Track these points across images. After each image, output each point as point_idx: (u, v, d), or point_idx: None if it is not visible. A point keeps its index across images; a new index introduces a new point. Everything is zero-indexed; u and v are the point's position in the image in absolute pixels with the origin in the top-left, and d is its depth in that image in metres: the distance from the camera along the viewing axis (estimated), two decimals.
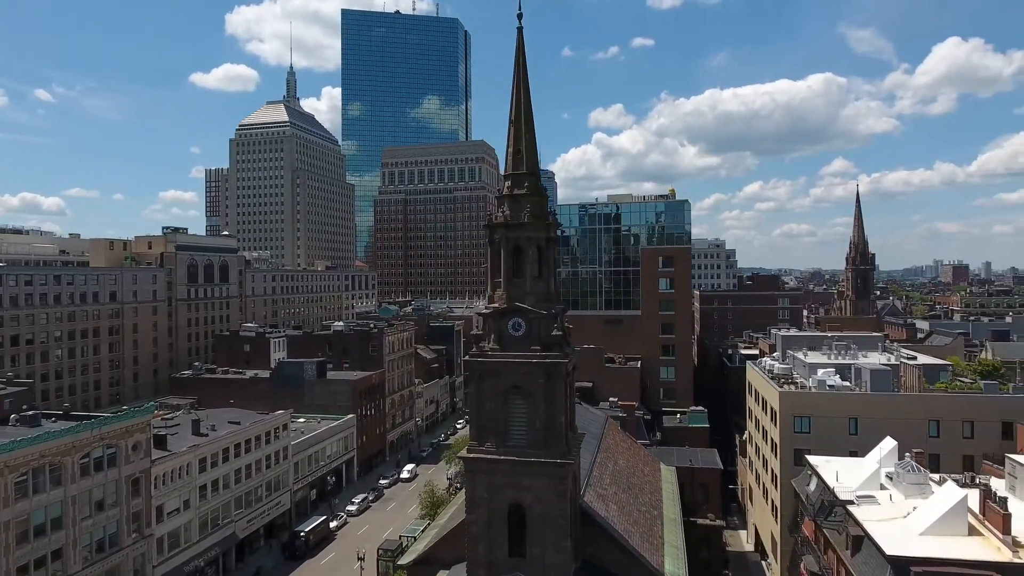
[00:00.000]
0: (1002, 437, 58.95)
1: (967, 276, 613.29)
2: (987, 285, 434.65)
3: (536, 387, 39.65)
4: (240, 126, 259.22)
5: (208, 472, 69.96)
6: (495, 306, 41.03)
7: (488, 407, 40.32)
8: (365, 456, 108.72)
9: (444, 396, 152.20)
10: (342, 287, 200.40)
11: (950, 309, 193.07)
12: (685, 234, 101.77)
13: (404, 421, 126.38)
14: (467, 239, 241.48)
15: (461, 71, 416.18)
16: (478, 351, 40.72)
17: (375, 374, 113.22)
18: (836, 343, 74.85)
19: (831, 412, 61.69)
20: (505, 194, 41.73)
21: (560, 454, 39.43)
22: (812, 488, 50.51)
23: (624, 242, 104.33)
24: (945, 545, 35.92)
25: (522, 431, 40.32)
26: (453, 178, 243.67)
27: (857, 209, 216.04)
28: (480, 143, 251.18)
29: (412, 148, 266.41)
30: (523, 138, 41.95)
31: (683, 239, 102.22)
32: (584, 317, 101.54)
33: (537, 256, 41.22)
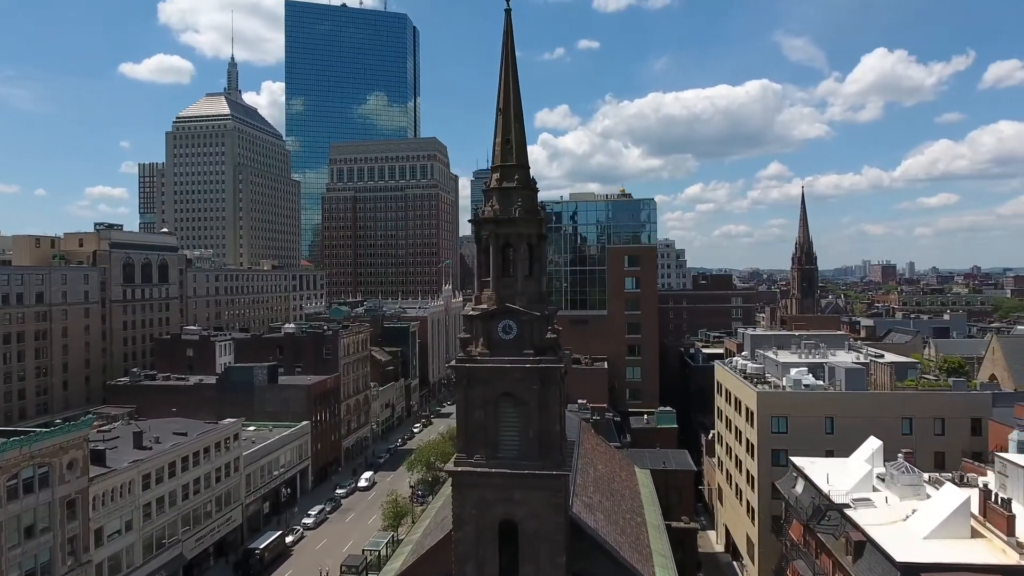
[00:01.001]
0: (971, 433, 59.92)
1: (894, 275, 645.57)
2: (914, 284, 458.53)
3: (529, 394, 37.02)
4: (178, 118, 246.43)
5: (152, 489, 64.27)
6: (484, 307, 38.20)
7: (477, 416, 37.44)
8: (320, 465, 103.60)
9: (400, 399, 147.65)
10: (289, 287, 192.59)
11: (892, 307, 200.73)
12: (651, 233, 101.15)
13: (360, 426, 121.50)
14: (419, 238, 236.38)
15: (409, 68, 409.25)
16: (466, 356, 37.77)
17: (330, 378, 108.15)
18: (805, 342, 75.04)
19: (808, 412, 61.39)
20: (493, 187, 38.93)
21: (556, 465, 36.94)
22: (799, 490, 49.59)
23: (586, 241, 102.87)
24: (951, 549, 35.13)
25: (514, 441, 37.64)
26: (404, 175, 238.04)
27: (802, 211, 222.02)
28: (432, 140, 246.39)
29: (361, 144, 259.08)
30: (512, 127, 39.25)
31: (648, 238, 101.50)
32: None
33: (528, 254, 38.64)
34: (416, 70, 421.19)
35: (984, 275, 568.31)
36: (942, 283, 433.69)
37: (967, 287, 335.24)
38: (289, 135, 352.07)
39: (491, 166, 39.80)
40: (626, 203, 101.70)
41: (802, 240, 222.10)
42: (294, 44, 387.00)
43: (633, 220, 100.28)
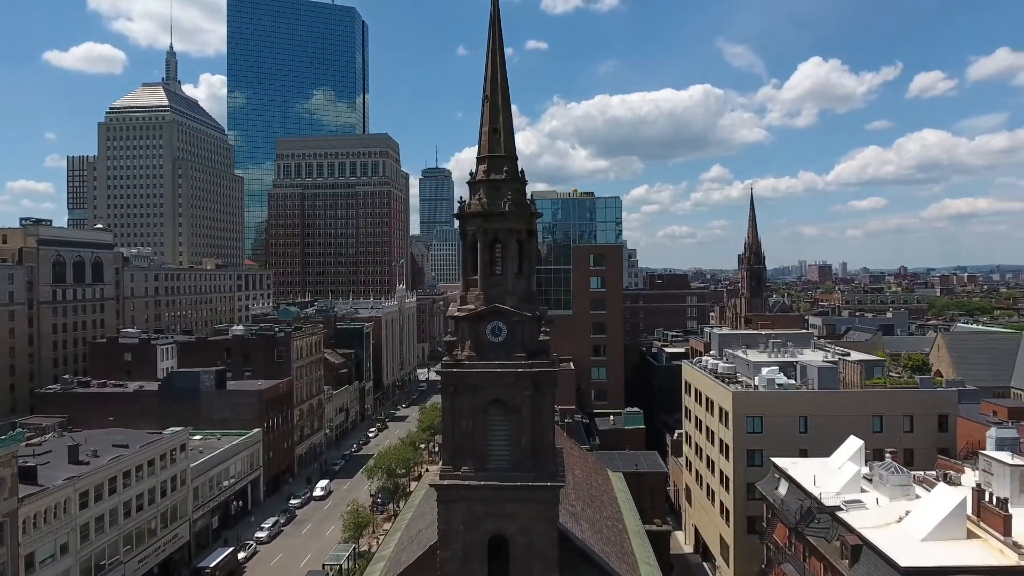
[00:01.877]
0: (938, 430, 60.83)
1: (830, 275, 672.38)
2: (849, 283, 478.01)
3: (522, 400, 34.60)
4: (111, 109, 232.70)
5: (90, 508, 58.80)
6: (471, 308, 35.55)
7: (464, 425, 34.76)
8: (272, 474, 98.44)
9: (354, 403, 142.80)
10: (234, 287, 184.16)
11: (837, 306, 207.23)
12: (616, 232, 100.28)
13: (313, 432, 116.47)
14: (371, 237, 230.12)
15: (358, 62, 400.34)
16: (452, 360, 35.04)
17: (283, 382, 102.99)
18: (772, 341, 75.21)
19: (782, 411, 61.17)
20: (480, 179, 36.33)
21: (549, 475, 34.63)
22: (783, 492, 48.88)
23: (551, 239, 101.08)
24: (951, 552, 34.65)
25: (504, 451, 35.14)
26: (355, 172, 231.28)
27: (751, 212, 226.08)
28: (383, 136, 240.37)
29: (310, 139, 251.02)
30: (500, 115, 36.76)
31: (615, 237, 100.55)
32: None
33: (518, 250, 36.21)
34: (365, 65, 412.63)
35: (911, 275, 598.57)
36: (874, 282, 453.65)
37: (900, 286, 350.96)
38: (231, 130, 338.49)
39: (477, 156, 37.20)
40: (591, 201, 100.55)
41: (751, 241, 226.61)
42: (236, 36, 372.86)
43: (598, 218, 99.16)
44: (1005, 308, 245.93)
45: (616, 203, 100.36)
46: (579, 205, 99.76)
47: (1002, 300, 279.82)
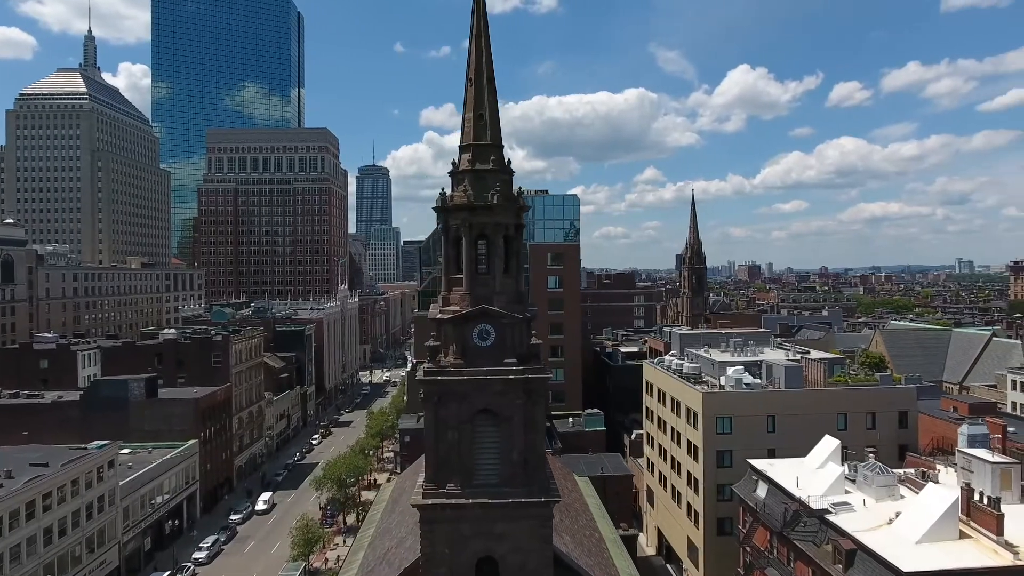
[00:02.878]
0: (899, 426, 61.77)
1: (759, 275, 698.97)
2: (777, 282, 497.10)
3: (513, 409, 31.84)
4: (21, 95, 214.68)
5: (5, 537, 52.21)
6: (455, 309, 32.51)
7: (450, 438, 31.69)
8: (209, 488, 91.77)
9: (296, 409, 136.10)
10: (162, 288, 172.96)
11: (776, 304, 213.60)
12: (574, 230, 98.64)
13: (253, 442, 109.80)
14: (309, 235, 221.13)
15: (293, 55, 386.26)
16: (436, 367, 31.91)
17: (220, 389, 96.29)
18: (734, 340, 75.13)
19: (751, 411, 60.71)
20: (464, 168, 33.33)
21: (543, 490, 32.02)
22: (763, 495, 47.96)
23: None
24: (948, 554, 34.13)
25: (493, 465, 32.28)
26: (292, 168, 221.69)
27: (692, 213, 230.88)
28: (322, 131, 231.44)
29: (244, 132, 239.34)
30: (486, 100, 33.86)
31: (570, 235, 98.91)
32: None
33: (505, 247, 33.44)
34: (300, 58, 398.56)
35: (832, 275, 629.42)
36: (800, 281, 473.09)
37: (825, 286, 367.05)
38: (155, 121, 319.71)
39: (460, 145, 34.17)
40: (548, 199, 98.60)
41: (692, 241, 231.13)
42: (161, 23, 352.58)
43: (555, 216, 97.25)
44: (924, 306, 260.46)
45: (573, 201, 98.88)
46: (537, 203, 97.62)
47: (920, 298, 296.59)
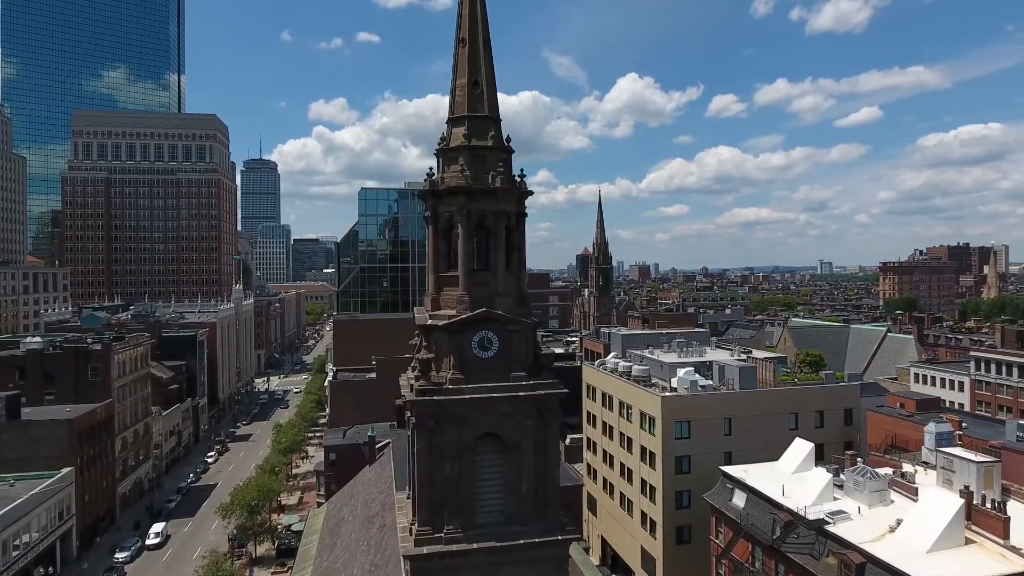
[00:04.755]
0: (844, 424, 62.39)
1: (649, 275, 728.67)
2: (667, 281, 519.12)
3: (523, 433, 26.82)
4: None
5: None
6: (450, 313, 26.98)
7: (447, 472, 26.09)
8: (88, 522, 78.89)
9: (187, 424, 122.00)
10: (19, 289, 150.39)
11: (679, 304, 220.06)
12: None
13: (139, 464, 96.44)
14: (196, 230, 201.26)
15: (172, 37, 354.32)
16: (429, 385, 26.22)
17: (100, 407, 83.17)
18: (677, 341, 73.73)
19: (709, 414, 58.94)
20: (458, 146, 27.84)
21: (558, 526, 27.21)
22: (741, 504, 45.68)
23: (420, 234, 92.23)
24: (962, 564, 32.88)
25: (497, 500, 27.04)
26: (176, 156, 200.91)
27: (599, 214, 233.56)
28: (211, 117, 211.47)
29: (119, 115, 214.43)
30: (482, 64, 28.56)
31: None
32: (396, 321, 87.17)
33: (506, 239, 28.27)
34: (181, 42, 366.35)
35: (714, 275, 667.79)
36: (686, 281, 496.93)
37: (714, 285, 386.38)
38: (5, 102, 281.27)
39: (451, 117, 28.64)
40: None
41: (599, 241, 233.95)
42: None
43: None
44: (804, 304, 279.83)
45: None
46: None
47: (800, 297, 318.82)
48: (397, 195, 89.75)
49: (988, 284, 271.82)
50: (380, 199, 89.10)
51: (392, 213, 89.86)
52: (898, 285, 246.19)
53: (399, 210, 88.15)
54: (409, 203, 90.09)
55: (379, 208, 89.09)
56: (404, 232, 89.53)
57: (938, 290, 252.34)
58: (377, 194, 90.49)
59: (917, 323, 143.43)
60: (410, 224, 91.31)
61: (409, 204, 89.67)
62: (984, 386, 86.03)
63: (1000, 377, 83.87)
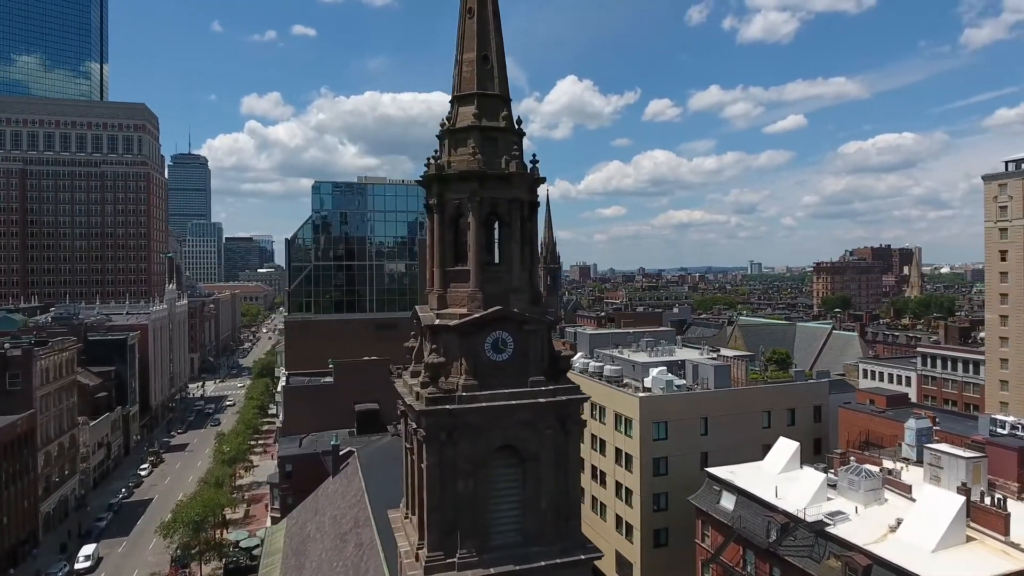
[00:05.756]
0: (814, 421, 62.77)
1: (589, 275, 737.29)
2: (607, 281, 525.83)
3: (542, 443, 24.39)
4: None
5: None
6: (461, 312, 24.25)
7: (460, 489, 23.34)
8: (7, 548, 71.36)
9: (117, 435, 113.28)
10: None
11: (627, 303, 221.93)
12: None
13: (64, 480, 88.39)
14: (123, 225, 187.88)
15: (94, 24, 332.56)
16: (440, 392, 23.39)
17: (21, 419, 75.51)
18: (646, 340, 72.82)
19: (686, 414, 57.99)
20: (467, 126, 25.13)
21: (579, 544, 24.90)
22: (730, 506, 44.63)
23: (395, 232, 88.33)
24: (969, 563, 32.53)
25: (514, 518, 24.51)
26: (100, 147, 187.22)
27: (547, 214, 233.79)
28: (140, 107, 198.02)
29: (35, 101, 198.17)
30: (492, 38, 25.96)
31: None
32: (351, 322, 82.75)
33: (520, 231, 25.73)
34: (104, 29, 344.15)
35: (652, 275, 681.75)
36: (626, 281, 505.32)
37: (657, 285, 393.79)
38: None
39: (456, 95, 25.88)
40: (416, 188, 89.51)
41: (547, 240, 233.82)
42: None
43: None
44: (743, 303, 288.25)
45: None
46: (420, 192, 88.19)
47: (739, 296, 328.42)
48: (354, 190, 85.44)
49: (911, 284, 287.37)
50: (336, 194, 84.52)
51: (346, 208, 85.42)
52: (830, 284, 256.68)
53: (358, 205, 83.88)
54: (365, 198, 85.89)
55: (335, 203, 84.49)
56: (360, 229, 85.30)
57: (866, 289, 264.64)
58: (332, 188, 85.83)
59: (856, 320, 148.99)
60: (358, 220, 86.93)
61: (365, 199, 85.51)
62: (930, 381, 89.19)
63: (945, 372, 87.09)
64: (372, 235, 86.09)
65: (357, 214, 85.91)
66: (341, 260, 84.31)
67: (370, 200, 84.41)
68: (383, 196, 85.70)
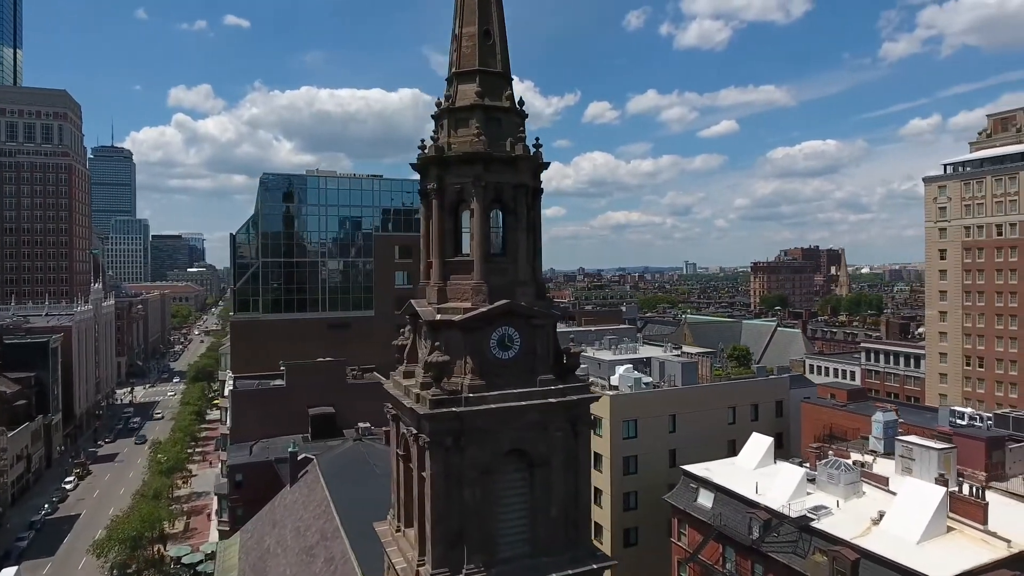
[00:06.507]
0: (776, 416, 63.63)
1: None
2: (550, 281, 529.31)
3: (552, 446, 22.79)
4: None
5: None
6: (465, 306, 22.37)
7: (467, 499, 21.46)
8: None
9: (37, 446, 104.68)
10: None
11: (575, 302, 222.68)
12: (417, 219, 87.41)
13: None
14: (41, 220, 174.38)
15: (8, 6, 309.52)
16: (444, 393, 21.41)
17: None
18: (608, 338, 72.34)
19: (655, 412, 57.62)
20: (471, 104, 23.25)
21: (591, 554, 23.45)
22: (708, 504, 44.23)
23: (347, 227, 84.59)
24: (953, 553, 32.93)
25: (521, 528, 22.79)
26: (15, 135, 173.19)
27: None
28: (60, 93, 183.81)
29: None
30: (494, 11, 24.17)
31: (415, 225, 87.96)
32: (301, 321, 78.76)
33: (526, 219, 24.03)
34: (18, 14, 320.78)
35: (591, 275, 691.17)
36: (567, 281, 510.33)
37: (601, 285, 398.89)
38: None
39: (455, 72, 23.92)
40: (394, 183, 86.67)
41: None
42: None
43: (405, 203, 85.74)
44: (684, 301, 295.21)
45: (414, 187, 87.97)
46: (383, 187, 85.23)
47: (679, 295, 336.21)
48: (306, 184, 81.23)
49: (841, 283, 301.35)
50: (284, 188, 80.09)
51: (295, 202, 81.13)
52: (767, 283, 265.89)
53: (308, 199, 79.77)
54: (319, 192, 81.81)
55: (284, 197, 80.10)
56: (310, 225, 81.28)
57: (800, 288, 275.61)
58: (280, 181, 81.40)
59: (796, 318, 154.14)
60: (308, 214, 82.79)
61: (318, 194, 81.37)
62: (873, 375, 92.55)
63: (888, 366, 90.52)
64: (324, 231, 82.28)
65: (308, 208, 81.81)
66: (291, 257, 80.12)
67: (320, 194, 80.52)
68: (335, 190, 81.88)
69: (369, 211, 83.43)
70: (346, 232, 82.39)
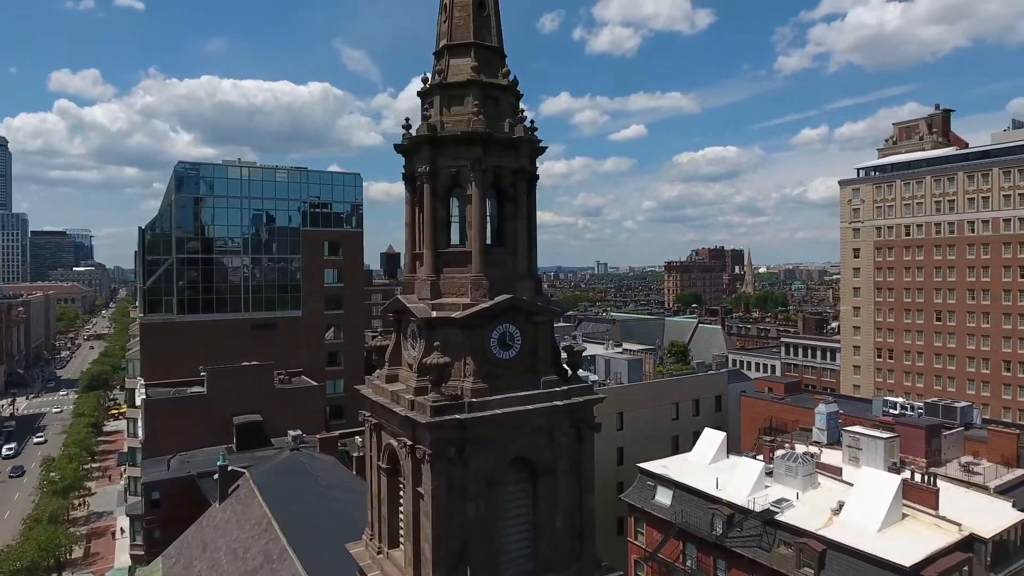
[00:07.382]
0: (715, 411, 64.87)
1: None
2: None
3: (557, 453, 21.18)
4: None
5: None
6: (464, 302, 20.31)
7: (469, 514, 19.41)
8: None
9: None
10: None
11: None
12: (356, 215, 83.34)
13: None
14: None
15: None
16: (444, 398, 19.26)
17: None
18: None
19: (604, 410, 56.63)
20: (466, 80, 21.22)
21: (596, 565, 21.99)
22: (667, 501, 44.03)
23: (274, 222, 78.85)
24: (912, 539, 33.99)
25: (524, 541, 21.01)
26: None
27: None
28: None
29: None
30: None
31: (352, 221, 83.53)
32: (221, 322, 72.63)
33: (525, 206, 22.22)
34: None
35: None
36: None
37: None
38: None
39: (446, 45, 21.81)
40: (323, 176, 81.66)
41: None
42: None
43: (338, 197, 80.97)
44: (602, 300, 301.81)
45: (356, 180, 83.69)
46: (311, 179, 79.98)
47: (596, 294, 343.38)
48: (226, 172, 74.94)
49: (747, 281, 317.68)
50: (200, 179, 73.63)
51: (211, 193, 74.88)
52: (680, 282, 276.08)
53: (230, 191, 73.61)
54: (234, 183, 75.81)
55: (201, 187, 73.63)
56: (229, 218, 75.27)
57: (711, 286, 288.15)
58: (198, 169, 74.81)
59: (712, 315, 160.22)
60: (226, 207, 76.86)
61: (232, 184, 75.30)
62: (792, 368, 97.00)
63: (806, 359, 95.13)
64: (246, 225, 76.50)
65: (228, 201, 75.71)
66: (209, 252, 73.91)
67: (240, 186, 74.59)
68: (259, 182, 76.08)
69: (295, 204, 78.31)
70: (269, 227, 76.92)
